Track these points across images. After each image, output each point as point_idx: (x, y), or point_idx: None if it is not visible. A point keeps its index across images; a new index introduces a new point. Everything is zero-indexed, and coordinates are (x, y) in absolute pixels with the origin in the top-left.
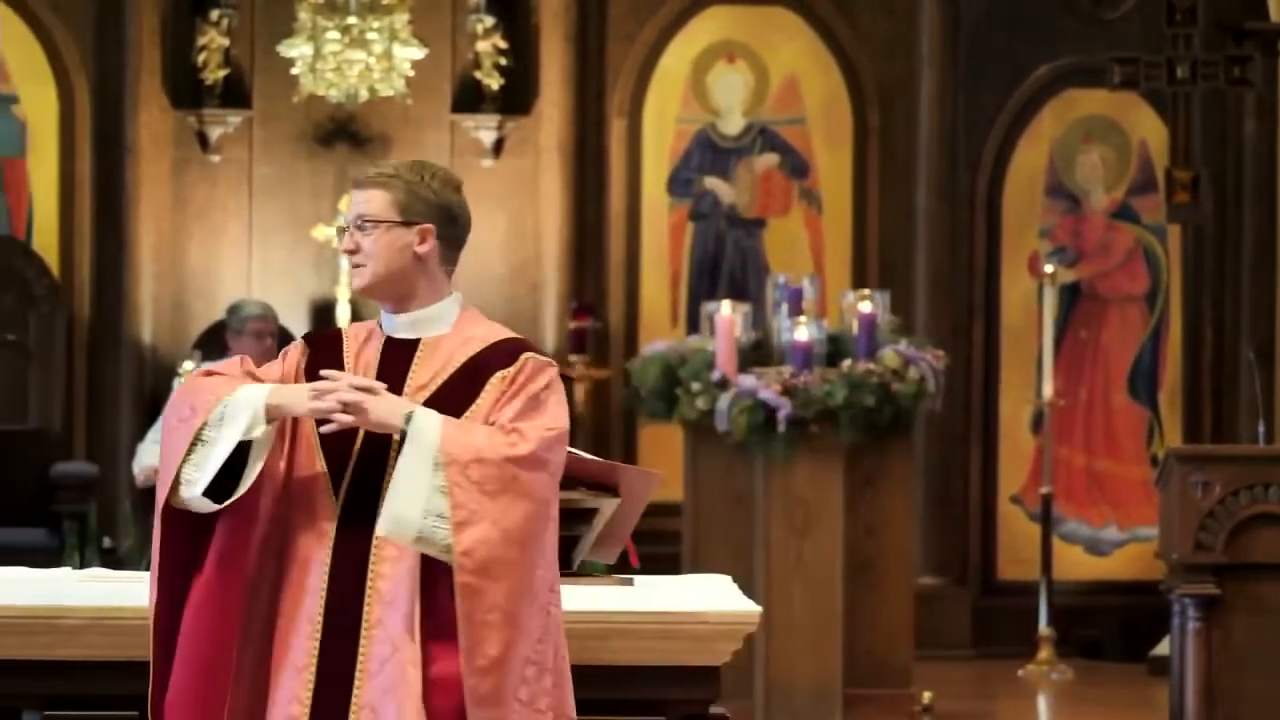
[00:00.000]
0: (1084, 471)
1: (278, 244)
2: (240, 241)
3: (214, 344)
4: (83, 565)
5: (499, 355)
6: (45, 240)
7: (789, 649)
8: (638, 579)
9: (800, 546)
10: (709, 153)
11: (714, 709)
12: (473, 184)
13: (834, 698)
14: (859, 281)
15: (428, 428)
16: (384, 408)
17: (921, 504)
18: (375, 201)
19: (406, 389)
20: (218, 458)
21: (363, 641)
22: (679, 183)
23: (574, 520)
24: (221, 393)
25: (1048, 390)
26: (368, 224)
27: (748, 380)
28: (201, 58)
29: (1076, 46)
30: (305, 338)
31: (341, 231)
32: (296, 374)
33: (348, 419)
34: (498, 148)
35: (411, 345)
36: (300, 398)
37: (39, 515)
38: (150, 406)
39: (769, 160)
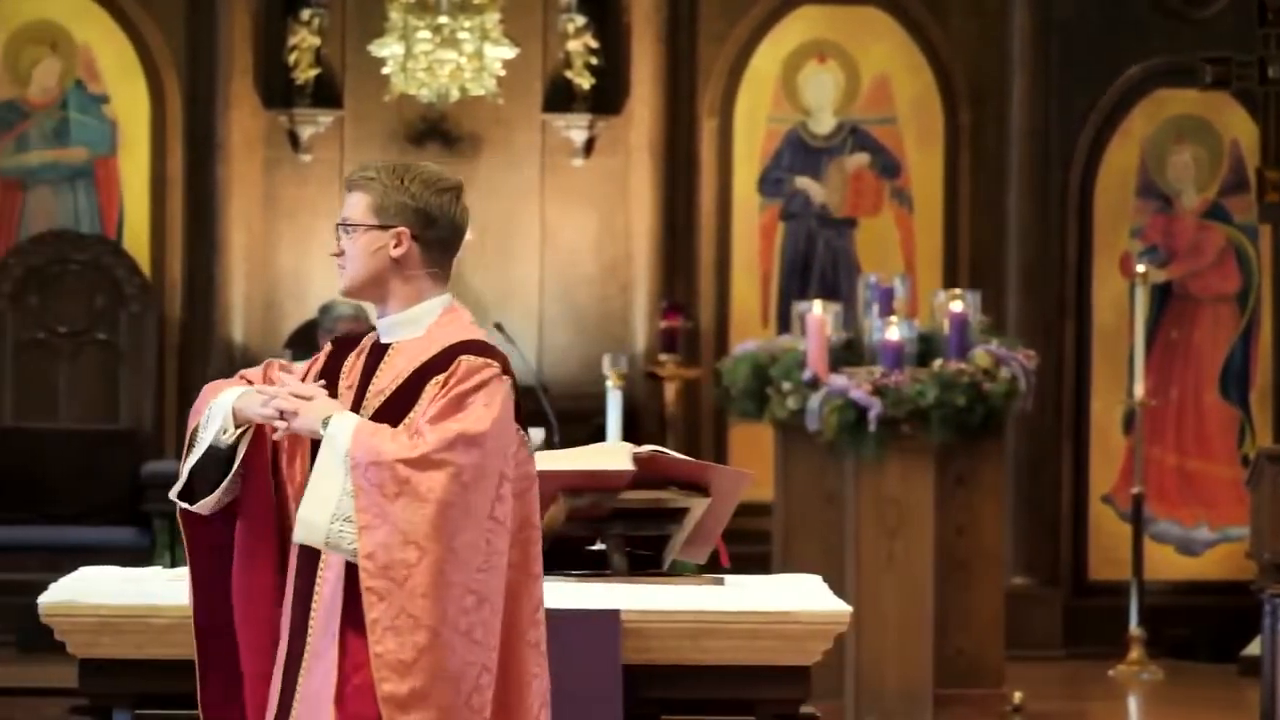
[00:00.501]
0: (1175, 471)
1: None
2: (331, 241)
3: (305, 343)
4: (173, 564)
5: (441, 360)
6: (136, 240)
7: (879, 649)
8: (728, 578)
9: (891, 546)
10: (800, 152)
11: (804, 709)
12: (563, 183)
13: (924, 698)
14: (950, 281)
15: (340, 432)
16: (311, 413)
17: (1012, 504)
18: (355, 204)
19: (368, 394)
20: (191, 461)
21: (308, 643)
22: (770, 182)
23: (665, 520)
24: (211, 398)
25: (1139, 390)
26: (348, 227)
27: (839, 380)
28: (293, 57)
29: (1168, 46)
30: (334, 339)
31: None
32: (308, 375)
33: (282, 425)
34: (589, 147)
35: (385, 349)
36: (256, 403)
37: (129, 514)
38: None
39: (860, 160)
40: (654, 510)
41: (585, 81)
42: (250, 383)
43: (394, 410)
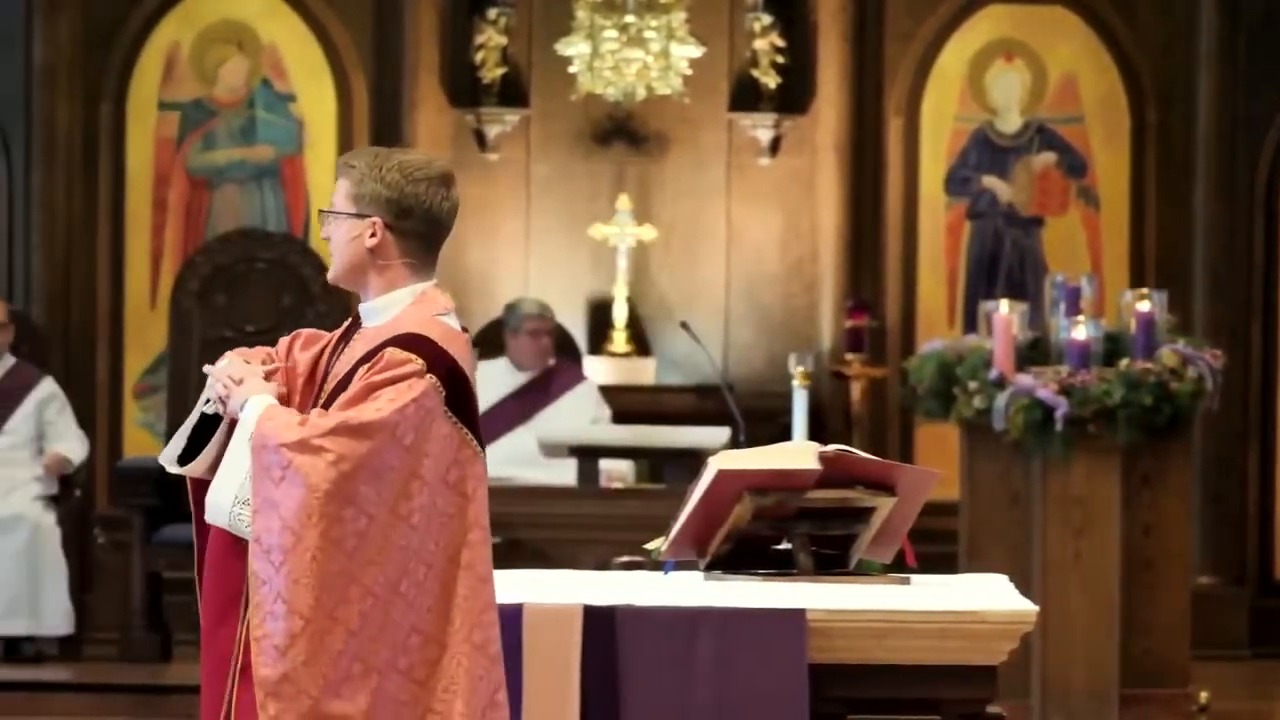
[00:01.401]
0: None
1: (555, 243)
2: (517, 241)
3: (491, 343)
4: None
5: (377, 349)
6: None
7: (1065, 648)
8: (914, 578)
9: (1077, 546)
10: (986, 151)
11: (990, 708)
12: (749, 183)
13: (1110, 697)
14: (1137, 280)
15: (250, 414)
16: (238, 396)
17: (1199, 503)
18: (338, 191)
19: (328, 379)
20: (186, 428)
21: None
22: (956, 181)
23: (851, 519)
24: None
25: None
26: (327, 214)
27: (1025, 379)
28: (479, 56)
29: None
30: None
31: None
32: (323, 352)
33: (223, 409)
34: (774, 146)
35: (355, 331)
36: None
37: None
38: None
39: (1046, 159)
40: (840, 509)
41: (771, 80)
42: (271, 357)
43: (336, 396)
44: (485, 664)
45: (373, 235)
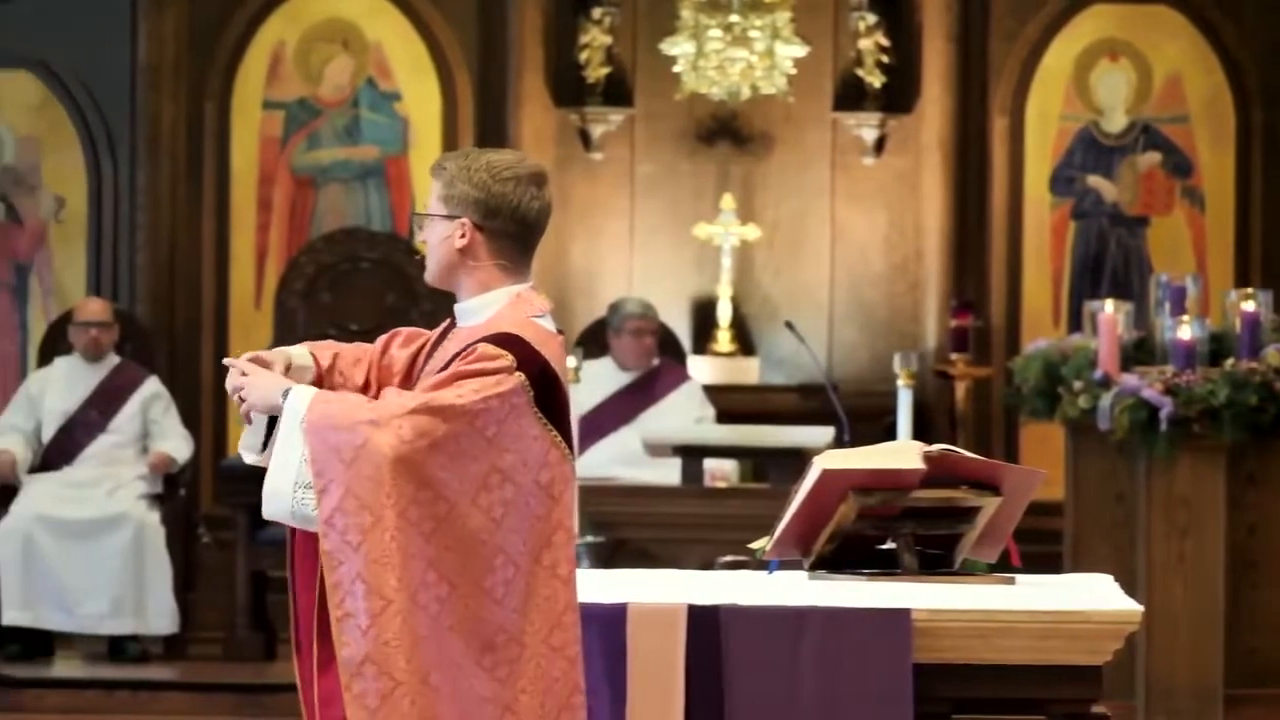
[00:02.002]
0: None
1: (659, 243)
2: (621, 240)
3: (595, 342)
4: None
5: (469, 345)
6: None
7: (1170, 648)
8: (1019, 578)
9: (1182, 545)
10: (1091, 151)
11: (1095, 708)
12: (854, 182)
13: (1215, 697)
14: (1242, 280)
15: (298, 401)
16: (259, 390)
17: None
18: (431, 193)
19: (421, 376)
20: (261, 418)
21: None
22: (1061, 181)
23: (956, 518)
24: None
25: None
26: (420, 217)
27: (1130, 379)
28: (584, 55)
29: None
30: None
31: None
32: (422, 349)
33: (243, 406)
34: (879, 146)
35: (450, 331)
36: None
37: None
38: None
39: (1151, 159)
40: (945, 509)
41: (876, 80)
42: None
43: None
44: (563, 666)
45: (462, 236)
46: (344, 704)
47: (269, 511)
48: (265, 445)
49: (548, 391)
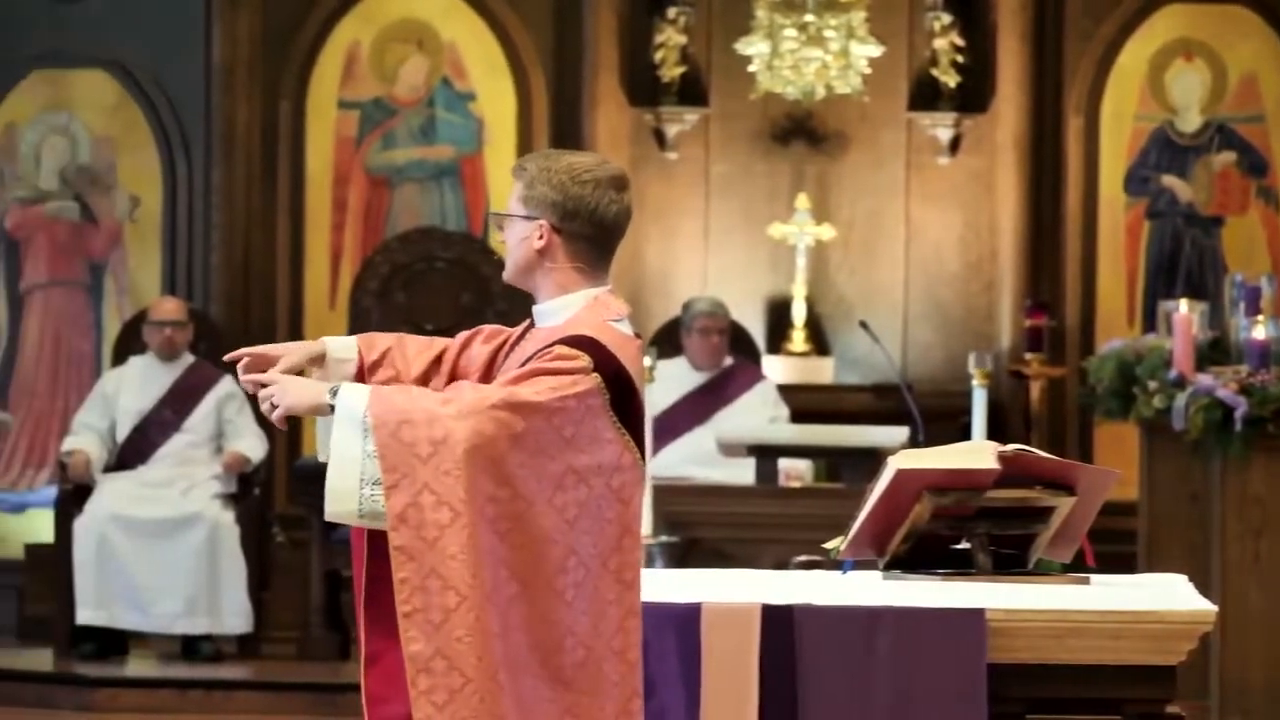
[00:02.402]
0: None
1: (734, 243)
2: (696, 240)
3: (670, 342)
4: None
5: (547, 346)
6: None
7: (1244, 648)
8: (1093, 578)
9: (1256, 546)
10: (1166, 150)
11: (1169, 708)
12: (928, 182)
13: None
14: None
15: (354, 396)
16: (295, 391)
17: None
18: (511, 193)
19: (496, 377)
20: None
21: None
22: (1135, 180)
23: (1030, 518)
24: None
25: None
26: (502, 217)
27: (1205, 379)
28: (659, 55)
29: None
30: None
31: None
32: (503, 347)
33: (276, 412)
34: (954, 145)
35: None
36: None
37: None
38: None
39: (1226, 158)
40: (1019, 509)
41: (951, 80)
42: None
43: None
44: (623, 670)
45: (540, 238)
46: (408, 700)
47: (332, 512)
48: None
49: (623, 396)
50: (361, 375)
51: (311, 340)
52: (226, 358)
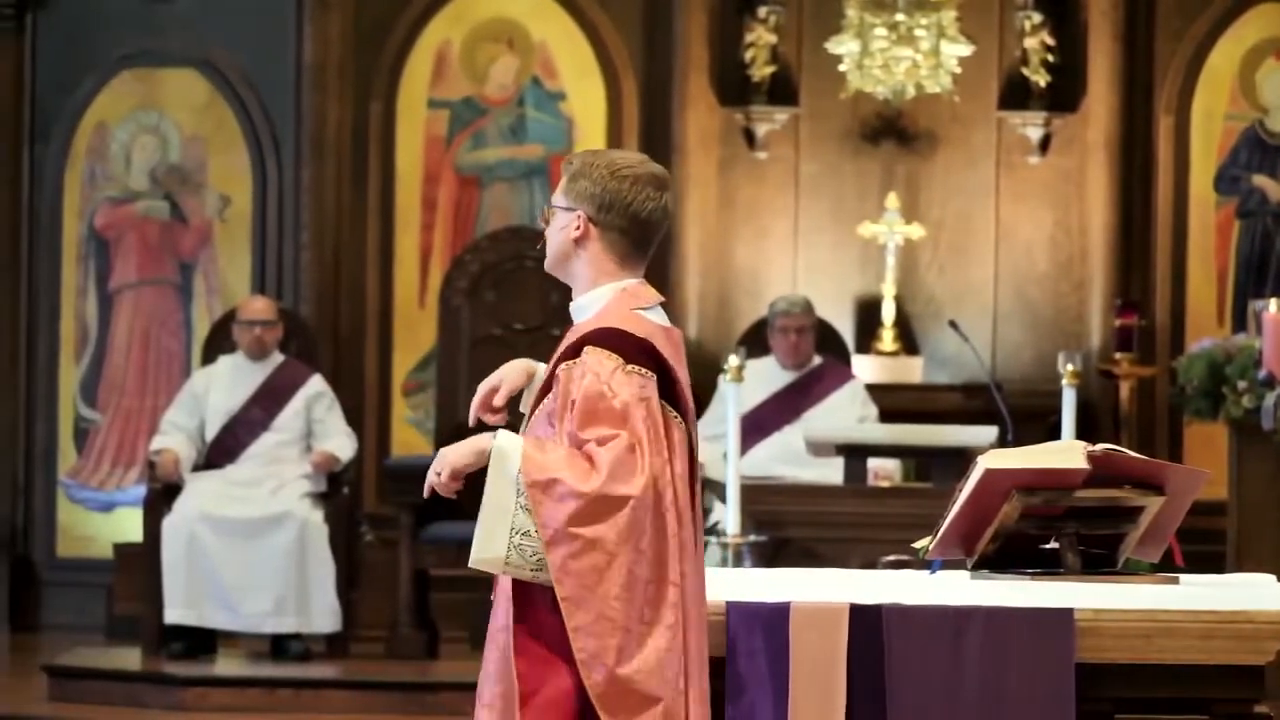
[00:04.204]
0: None
1: (823, 242)
2: (786, 239)
3: (758, 341)
4: None
5: (573, 347)
6: None
7: None
8: (1183, 577)
9: None
10: (1257, 150)
11: (1258, 709)
12: (1019, 181)
13: None
14: None
15: (509, 449)
16: (453, 452)
17: None
18: (558, 186)
19: (538, 375)
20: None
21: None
22: (1226, 180)
23: (1119, 518)
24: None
25: None
26: (551, 208)
27: None
28: (749, 54)
29: None
30: None
31: None
32: None
33: (442, 478)
34: (1044, 145)
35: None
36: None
37: None
38: (697, 402)
39: None
40: (1108, 508)
41: (1041, 79)
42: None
43: (542, 394)
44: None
45: (577, 228)
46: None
47: (478, 558)
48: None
49: (659, 373)
50: None
51: (525, 360)
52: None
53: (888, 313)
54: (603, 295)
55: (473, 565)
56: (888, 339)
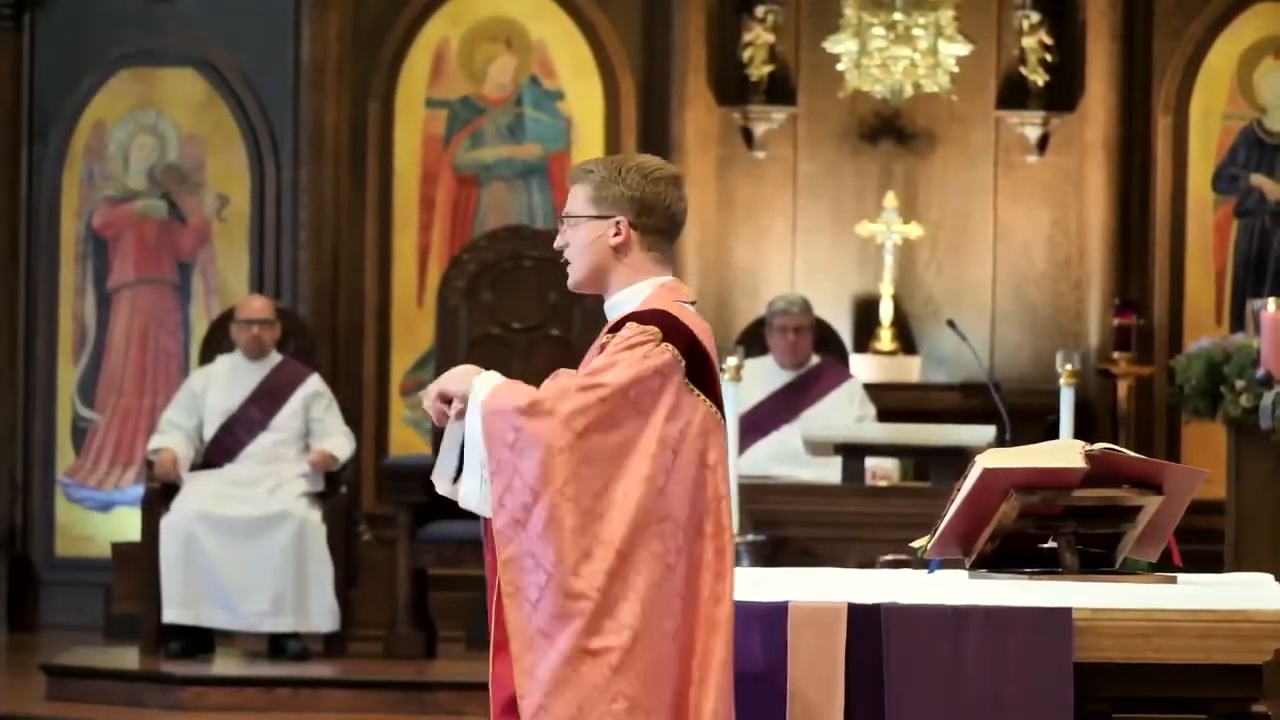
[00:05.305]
0: None
1: (821, 241)
2: (784, 238)
3: (756, 340)
4: None
5: (615, 325)
6: None
7: None
8: (1181, 577)
9: None
10: (1255, 149)
11: (1256, 708)
12: (1017, 180)
13: None
14: None
15: (481, 386)
16: (455, 376)
17: None
18: (576, 197)
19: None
20: (451, 445)
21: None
22: (1224, 179)
23: (1117, 517)
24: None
25: None
26: (568, 219)
27: None
28: (747, 54)
29: None
30: None
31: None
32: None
33: (442, 408)
34: (1042, 144)
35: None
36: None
37: None
38: None
39: None
40: (1106, 508)
41: (1040, 78)
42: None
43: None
44: (726, 635)
45: (617, 234)
46: (514, 680)
47: (462, 497)
48: (457, 475)
49: (698, 362)
50: None
51: (470, 367)
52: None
53: (886, 312)
54: (644, 289)
55: (462, 506)
56: (886, 338)
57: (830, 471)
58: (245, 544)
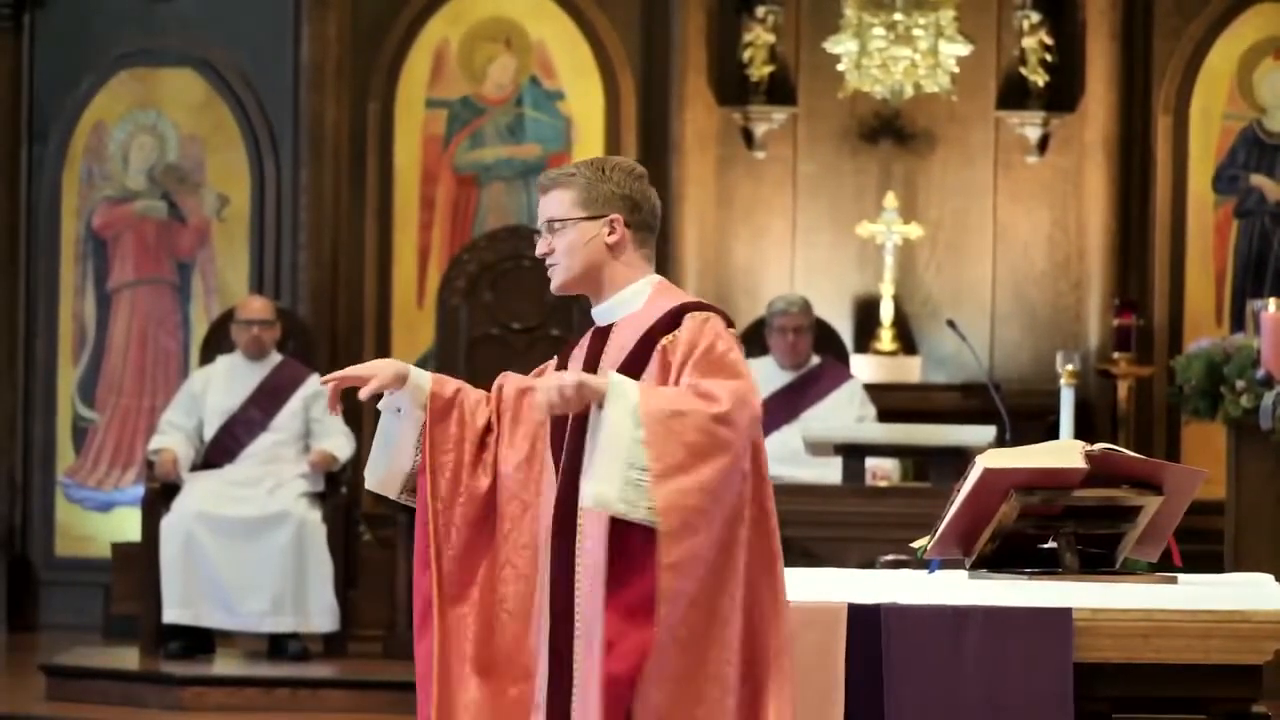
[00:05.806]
0: None
1: (821, 241)
2: (784, 238)
3: (755, 341)
4: None
5: (663, 323)
6: None
7: None
8: (1180, 577)
9: None
10: (1255, 149)
11: (1255, 708)
12: (1017, 181)
13: None
14: None
15: (628, 387)
16: (552, 389)
17: None
18: (562, 201)
19: (598, 371)
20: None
21: (576, 621)
22: (1224, 179)
23: (1117, 518)
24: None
25: None
26: (556, 224)
27: None
28: (747, 54)
29: None
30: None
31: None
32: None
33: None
34: (1042, 144)
35: (608, 329)
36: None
37: None
38: None
39: None
40: (1106, 508)
41: (1040, 79)
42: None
43: (630, 366)
44: (781, 623)
45: (611, 233)
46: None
47: (592, 497)
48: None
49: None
50: (434, 406)
51: (395, 360)
52: (320, 383)
53: (886, 312)
54: (644, 287)
55: (587, 505)
56: (886, 338)
57: (830, 472)
58: (245, 544)
